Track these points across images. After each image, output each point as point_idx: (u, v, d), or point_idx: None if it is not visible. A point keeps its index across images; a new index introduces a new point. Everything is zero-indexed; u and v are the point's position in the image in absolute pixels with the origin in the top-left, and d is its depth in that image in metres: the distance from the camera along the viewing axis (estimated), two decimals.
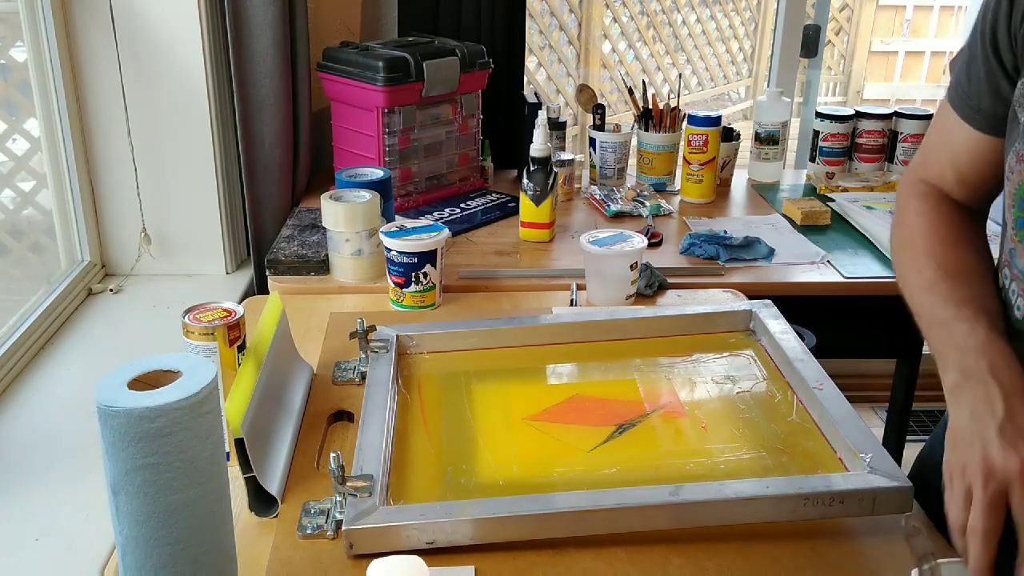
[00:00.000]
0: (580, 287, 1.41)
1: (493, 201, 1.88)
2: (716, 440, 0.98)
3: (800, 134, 2.64)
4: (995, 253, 0.94)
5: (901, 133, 2.05)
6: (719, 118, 1.90)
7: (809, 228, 1.77)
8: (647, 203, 1.84)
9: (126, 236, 1.72)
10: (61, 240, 1.65)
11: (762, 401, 1.06)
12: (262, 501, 0.90)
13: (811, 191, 2.01)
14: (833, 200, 1.91)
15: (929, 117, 2.00)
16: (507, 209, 1.82)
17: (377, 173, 1.54)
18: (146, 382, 0.70)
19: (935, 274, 0.88)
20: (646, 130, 1.99)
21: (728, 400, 1.06)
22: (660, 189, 1.99)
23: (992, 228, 0.97)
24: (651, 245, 1.61)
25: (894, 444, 2.00)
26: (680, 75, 3.21)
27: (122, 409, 0.65)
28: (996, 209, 0.94)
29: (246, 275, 1.78)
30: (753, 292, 1.42)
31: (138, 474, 0.67)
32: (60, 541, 1.02)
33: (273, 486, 0.89)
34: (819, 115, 2.07)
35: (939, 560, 0.74)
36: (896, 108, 2.09)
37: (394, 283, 1.34)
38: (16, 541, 1.02)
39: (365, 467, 0.89)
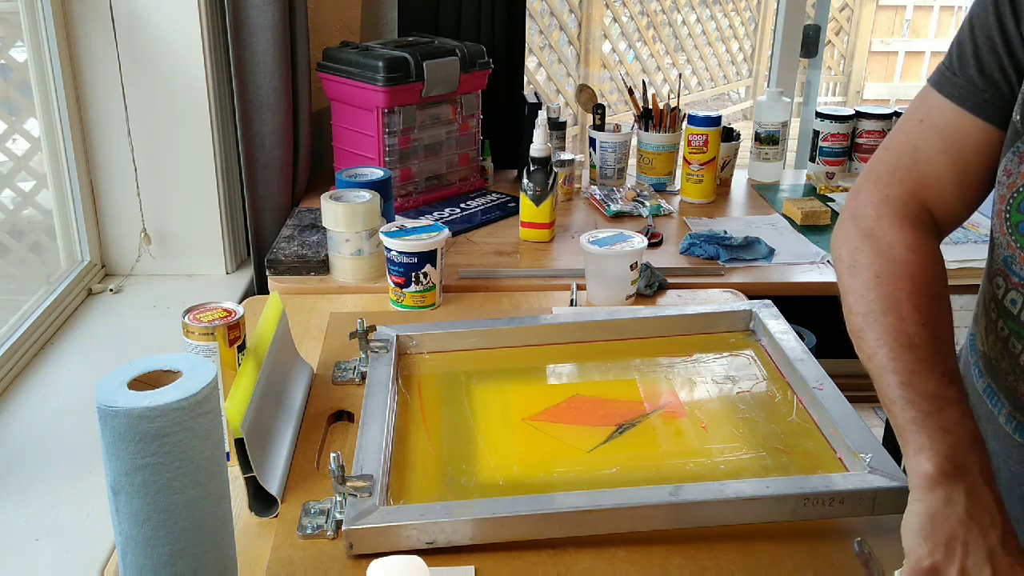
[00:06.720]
0: (580, 287, 1.41)
1: (493, 201, 1.88)
2: (716, 440, 0.98)
3: (800, 134, 2.64)
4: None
5: None
6: (719, 118, 1.90)
7: (809, 228, 1.77)
8: (647, 203, 1.84)
9: (126, 236, 1.72)
10: (61, 240, 1.65)
11: (762, 401, 1.06)
12: (262, 501, 0.90)
13: (811, 191, 2.01)
14: (833, 200, 1.91)
15: None
16: (507, 209, 1.82)
17: (377, 173, 1.54)
18: (146, 382, 0.70)
19: (920, 331, 0.79)
20: (646, 130, 1.99)
21: (728, 400, 1.06)
22: (660, 189, 1.99)
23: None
24: (651, 245, 1.61)
25: (894, 444, 1.99)
26: (680, 75, 3.21)
27: (122, 409, 0.65)
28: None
29: (246, 275, 1.78)
30: (753, 292, 1.42)
31: (138, 474, 0.67)
32: (60, 541, 1.02)
33: (273, 486, 0.89)
34: (819, 115, 2.07)
35: None
36: (896, 108, 2.09)
37: (394, 283, 1.34)
38: (16, 541, 1.02)
39: (365, 467, 0.89)
